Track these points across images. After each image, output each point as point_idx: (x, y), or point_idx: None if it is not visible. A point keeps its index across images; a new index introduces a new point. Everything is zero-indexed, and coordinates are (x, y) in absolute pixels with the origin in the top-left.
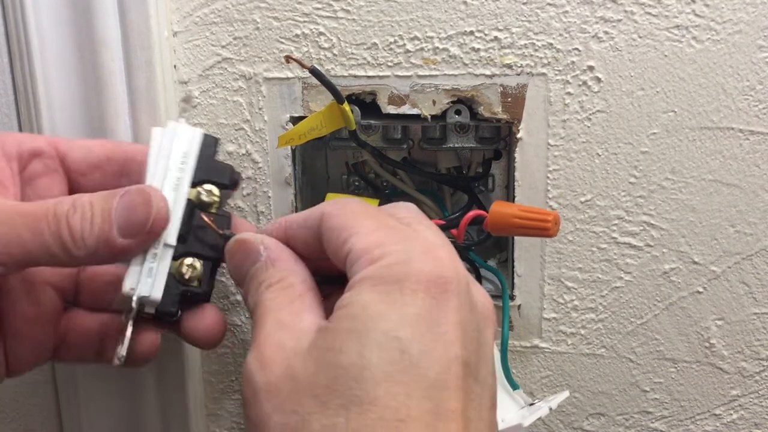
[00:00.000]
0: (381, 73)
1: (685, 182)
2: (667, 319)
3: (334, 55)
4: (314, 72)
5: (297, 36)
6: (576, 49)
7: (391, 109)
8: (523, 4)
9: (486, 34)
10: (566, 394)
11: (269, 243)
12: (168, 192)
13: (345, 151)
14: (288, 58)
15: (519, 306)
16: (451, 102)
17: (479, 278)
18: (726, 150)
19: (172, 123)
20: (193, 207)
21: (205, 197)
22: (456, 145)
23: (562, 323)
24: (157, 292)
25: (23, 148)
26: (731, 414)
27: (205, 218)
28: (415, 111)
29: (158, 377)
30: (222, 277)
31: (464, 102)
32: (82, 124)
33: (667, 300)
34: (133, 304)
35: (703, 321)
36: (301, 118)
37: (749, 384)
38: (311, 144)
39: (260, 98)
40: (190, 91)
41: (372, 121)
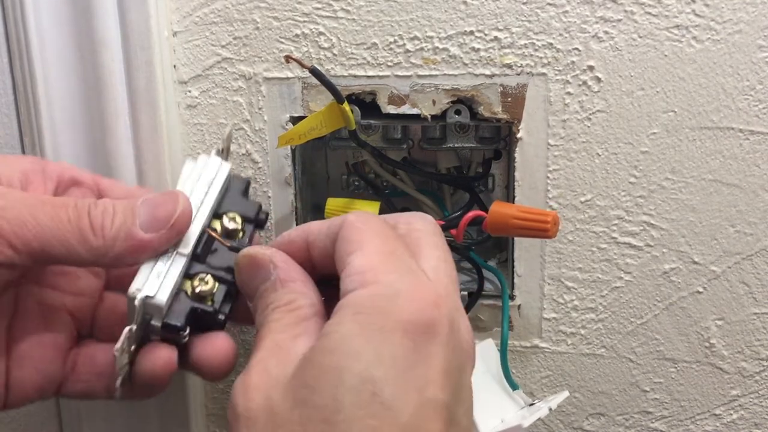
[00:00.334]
0: (381, 73)
1: (685, 182)
2: (667, 319)
3: (334, 54)
4: (314, 72)
5: (297, 36)
6: (576, 48)
7: (391, 109)
8: (523, 4)
9: (486, 34)
10: (566, 394)
11: (279, 260)
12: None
13: (345, 151)
14: (288, 58)
15: (519, 306)
16: (451, 102)
17: (480, 278)
18: (726, 150)
19: (203, 156)
20: (215, 237)
21: (228, 224)
22: (456, 145)
23: (562, 323)
24: (162, 295)
25: (64, 175)
26: (731, 414)
27: (212, 233)
28: (415, 111)
29: None
30: None
31: (464, 102)
32: (82, 124)
33: (667, 300)
34: (136, 303)
35: (703, 321)
36: (301, 118)
37: (749, 384)
38: (311, 144)
39: (260, 98)
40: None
41: (372, 121)
